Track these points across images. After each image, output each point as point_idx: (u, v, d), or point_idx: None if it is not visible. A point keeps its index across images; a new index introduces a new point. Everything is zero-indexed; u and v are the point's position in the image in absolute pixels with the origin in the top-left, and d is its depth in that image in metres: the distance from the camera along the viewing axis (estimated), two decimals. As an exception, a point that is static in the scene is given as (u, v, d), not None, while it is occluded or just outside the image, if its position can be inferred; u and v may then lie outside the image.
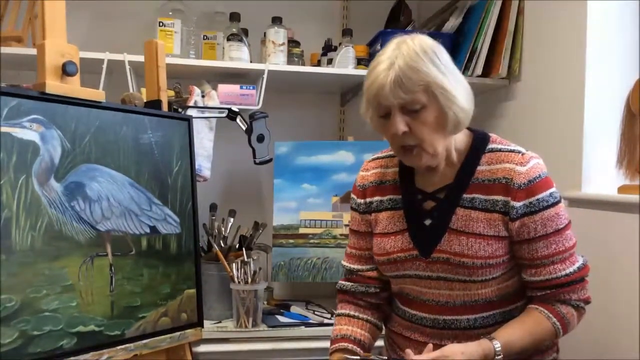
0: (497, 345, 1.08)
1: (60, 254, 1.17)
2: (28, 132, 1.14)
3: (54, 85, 1.19)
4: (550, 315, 1.13)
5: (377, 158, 1.32)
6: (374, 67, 1.10)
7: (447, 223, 1.15)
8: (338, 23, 2.34)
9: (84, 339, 1.19)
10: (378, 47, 2.14)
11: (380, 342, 1.35)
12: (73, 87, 1.24)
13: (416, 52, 1.07)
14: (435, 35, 2.08)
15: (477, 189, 1.14)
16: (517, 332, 1.11)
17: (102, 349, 1.22)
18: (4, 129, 1.10)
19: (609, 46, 1.54)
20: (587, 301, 1.17)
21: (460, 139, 1.18)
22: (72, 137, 1.22)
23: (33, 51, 1.26)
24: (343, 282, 1.33)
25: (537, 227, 1.11)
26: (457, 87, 1.10)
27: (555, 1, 1.67)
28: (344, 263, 1.35)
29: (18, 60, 1.84)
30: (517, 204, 1.11)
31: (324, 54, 2.13)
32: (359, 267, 1.30)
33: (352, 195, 1.33)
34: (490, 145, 1.17)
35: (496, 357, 1.07)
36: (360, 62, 2.10)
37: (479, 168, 1.15)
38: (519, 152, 1.15)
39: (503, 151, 1.15)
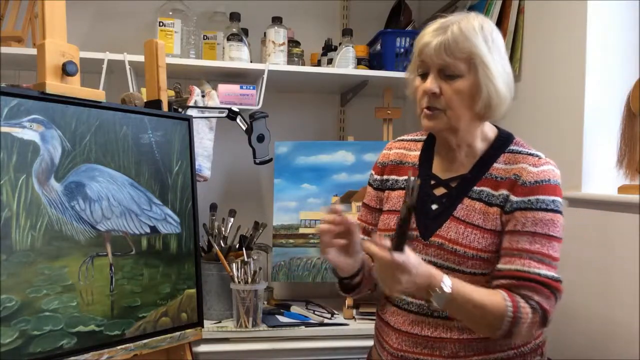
0: (447, 280, 1.04)
1: (60, 253, 1.17)
2: (28, 132, 1.14)
3: (54, 85, 1.19)
4: (507, 298, 1.06)
5: (402, 140, 1.34)
6: (429, 26, 1.15)
7: (452, 211, 1.17)
8: (338, 23, 2.34)
9: (84, 338, 1.19)
10: (378, 47, 2.15)
11: (371, 342, 1.35)
12: (73, 87, 1.24)
13: (473, 25, 1.11)
14: (435, 35, 2.09)
15: (488, 183, 1.16)
16: (469, 288, 1.06)
17: (102, 349, 1.22)
18: (4, 129, 1.10)
19: (609, 46, 1.54)
20: (547, 313, 1.07)
21: (487, 134, 1.21)
22: (72, 137, 1.22)
23: (33, 51, 1.26)
24: None
25: (526, 222, 1.10)
26: (500, 72, 1.12)
27: (556, 1, 1.67)
28: None
29: (18, 60, 1.84)
30: (515, 199, 1.12)
31: (324, 54, 2.13)
32: (363, 237, 1.29)
33: (371, 171, 1.35)
34: (512, 147, 1.19)
35: (438, 288, 1.03)
36: (360, 62, 2.10)
37: (495, 165, 1.17)
38: (537, 156, 1.16)
39: (522, 154, 1.17)
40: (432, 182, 1.22)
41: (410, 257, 1.02)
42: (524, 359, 1.17)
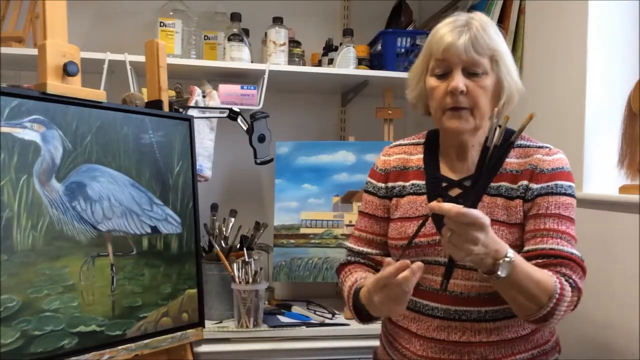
0: (511, 252, 1.01)
1: (61, 254, 1.17)
2: (29, 132, 1.14)
3: (55, 86, 1.19)
4: (552, 275, 1.05)
5: (400, 145, 1.32)
6: (444, 26, 1.15)
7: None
8: (339, 23, 2.34)
9: (85, 339, 1.19)
10: (379, 47, 2.15)
11: (372, 342, 1.35)
12: (74, 87, 1.24)
13: (488, 23, 1.15)
14: (436, 35, 2.09)
15: (505, 178, 1.17)
16: (528, 265, 1.04)
17: (103, 349, 1.22)
18: (5, 129, 1.10)
19: (610, 46, 1.54)
20: (580, 293, 1.09)
21: None
22: (73, 137, 1.22)
23: (34, 51, 1.26)
24: (346, 260, 1.31)
25: (549, 206, 1.11)
26: (513, 64, 1.17)
27: (556, 1, 1.67)
28: (350, 245, 1.32)
29: (19, 61, 1.85)
30: (536, 186, 1.13)
31: (325, 54, 2.13)
32: (369, 250, 1.28)
33: (370, 179, 1.31)
34: (520, 142, 1.20)
35: (504, 259, 0.99)
36: (361, 62, 2.10)
37: (508, 160, 1.18)
38: (547, 147, 1.19)
39: (531, 147, 1.19)
40: (444, 184, 1.21)
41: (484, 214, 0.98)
42: (547, 357, 1.18)
